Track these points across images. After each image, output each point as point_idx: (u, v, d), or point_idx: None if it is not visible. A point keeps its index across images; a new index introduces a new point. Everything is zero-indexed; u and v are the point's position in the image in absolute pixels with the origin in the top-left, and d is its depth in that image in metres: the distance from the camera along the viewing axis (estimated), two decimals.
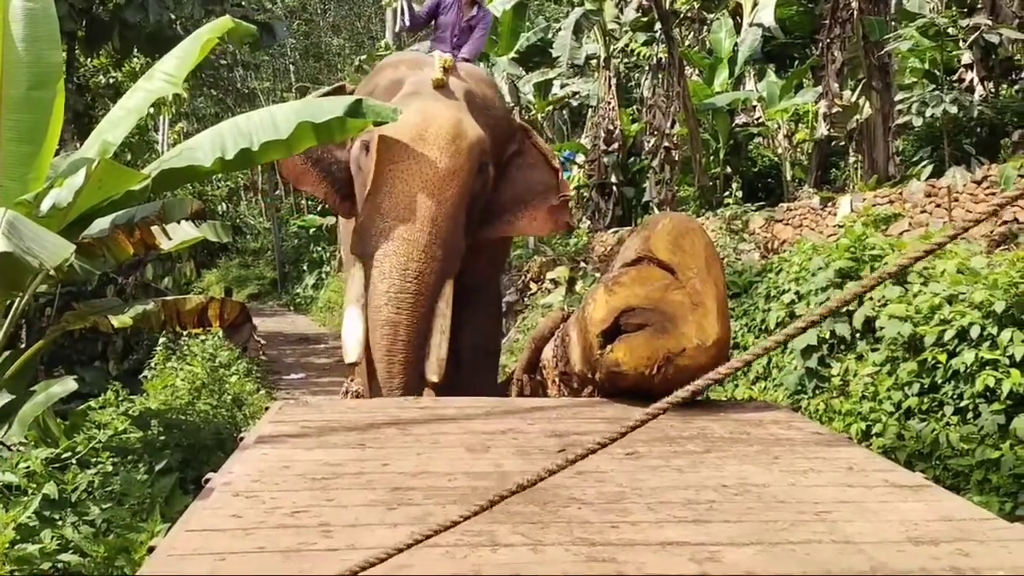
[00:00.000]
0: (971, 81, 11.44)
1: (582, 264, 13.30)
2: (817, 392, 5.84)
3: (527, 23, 16.50)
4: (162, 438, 5.13)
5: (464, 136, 4.86)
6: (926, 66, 12.03)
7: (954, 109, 9.76)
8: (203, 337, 8.44)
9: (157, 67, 5.51)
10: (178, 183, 5.52)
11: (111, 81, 16.03)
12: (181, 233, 5.97)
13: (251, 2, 16.21)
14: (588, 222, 15.80)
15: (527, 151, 5.55)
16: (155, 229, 5.51)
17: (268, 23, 13.78)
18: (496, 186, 5.35)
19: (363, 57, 21.12)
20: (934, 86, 10.77)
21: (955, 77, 11.79)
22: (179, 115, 24.14)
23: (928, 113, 9.85)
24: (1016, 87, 11.84)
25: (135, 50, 14.15)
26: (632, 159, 15.76)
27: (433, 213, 4.74)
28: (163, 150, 20.70)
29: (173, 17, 13.74)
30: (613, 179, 15.35)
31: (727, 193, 12.46)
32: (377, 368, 4.67)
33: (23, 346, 6.65)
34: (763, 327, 6.90)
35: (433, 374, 4.84)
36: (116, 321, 5.28)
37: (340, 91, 5.58)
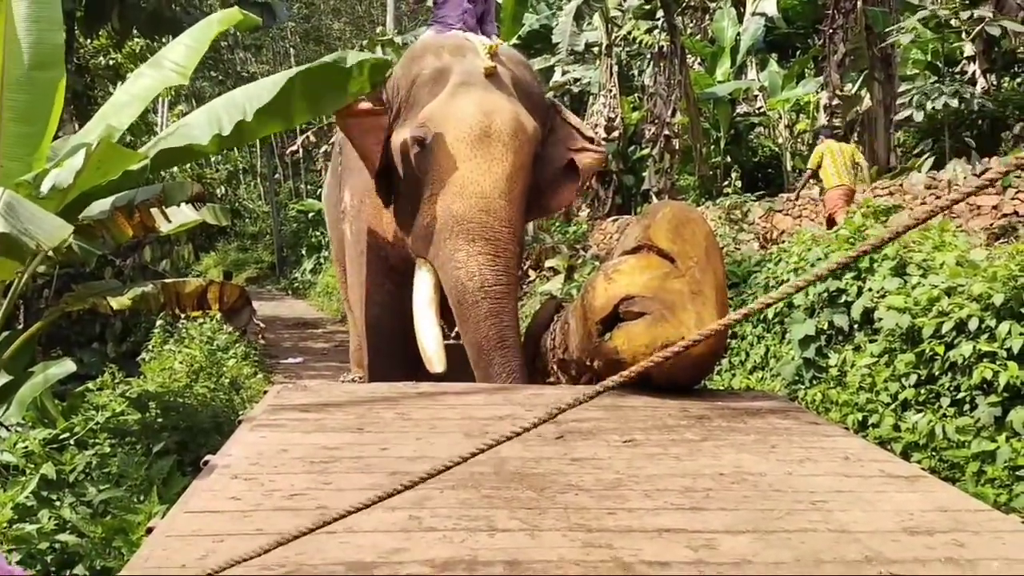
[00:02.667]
0: (973, 73, 11.43)
1: (581, 252, 13.30)
2: (814, 382, 5.85)
3: (529, 9, 16.44)
4: (160, 420, 5.13)
5: (524, 130, 4.72)
6: (928, 58, 12.02)
7: (955, 102, 9.77)
8: (201, 320, 8.44)
9: (165, 54, 5.47)
10: (176, 162, 5.51)
11: (111, 62, 15.97)
12: (180, 216, 5.96)
13: None
14: (588, 210, 15.80)
15: (559, 127, 5.43)
16: (155, 212, 5.50)
17: (269, 3, 13.73)
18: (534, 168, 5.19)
19: (364, 41, 21.04)
20: (936, 78, 10.76)
21: (957, 69, 11.77)
22: (179, 97, 24.08)
23: (929, 106, 9.85)
24: (1018, 80, 11.83)
25: (135, 31, 14.09)
26: (632, 147, 15.74)
27: (508, 213, 4.60)
28: (161, 132, 20.64)
29: None
30: (613, 167, 15.33)
31: (727, 183, 12.46)
32: (493, 362, 4.48)
33: (21, 327, 6.65)
34: (761, 317, 6.90)
35: None
36: (115, 303, 5.28)
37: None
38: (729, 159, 14.47)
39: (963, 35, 11.72)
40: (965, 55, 12.07)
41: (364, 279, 5.61)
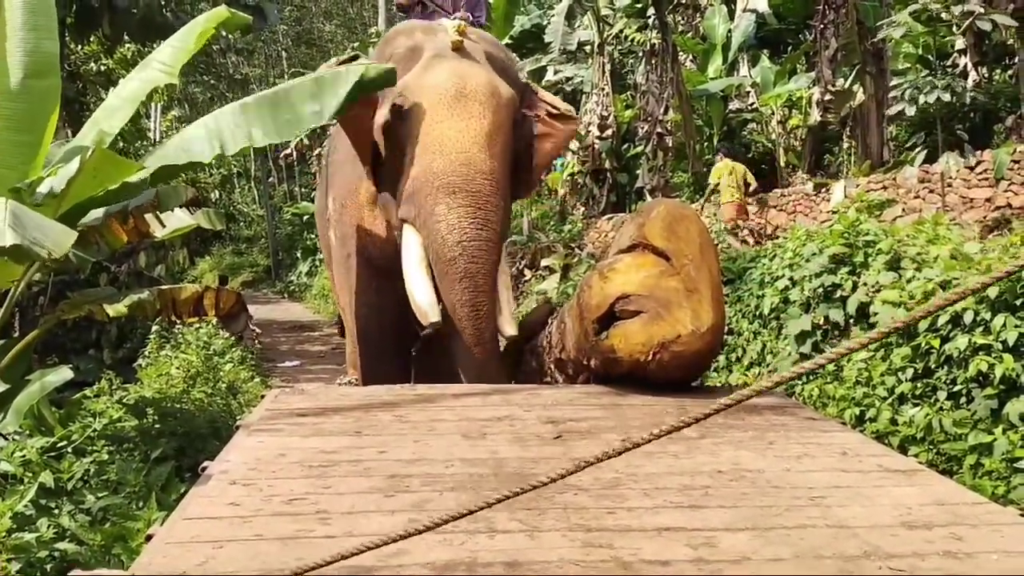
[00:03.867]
0: (964, 67, 11.43)
1: (577, 251, 13.30)
2: (811, 378, 5.86)
3: (521, 9, 16.44)
4: (157, 426, 5.13)
5: (499, 93, 4.81)
6: (920, 52, 12.04)
7: (947, 96, 9.78)
8: (197, 325, 8.43)
9: (153, 56, 5.48)
10: (175, 176, 5.51)
11: (102, 68, 15.93)
12: (175, 221, 5.95)
13: None
14: (583, 208, 15.79)
15: (535, 105, 5.49)
16: (149, 217, 5.50)
17: (259, 6, 13.70)
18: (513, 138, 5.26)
19: (356, 44, 21.03)
20: (928, 72, 10.78)
21: (949, 63, 11.78)
22: (171, 102, 24.04)
23: (921, 100, 9.87)
24: (1009, 72, 11.85)
25: (126, 36, 14.06)
26: (626, 145, 15.74)
27: (489, 166, 4.62)
28: (155, 137, 20.61)
29: (163, 2, 13.64)
30: (607, 165, 15.33)
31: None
32: (463, 326, 4.49)
33: (17, 335, 6.63)
34: (757, 313, 6.91)
35: (511, 327, 4.82)
36: (111, 310, 5.27)
37: (354, 59, 5.54)
38: None
39: (954, 29, 11.74)
40: (956, 48, 12.08)
41: (352, 282, 5.63)
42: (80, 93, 14.09)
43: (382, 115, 4.94)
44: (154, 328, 8.61)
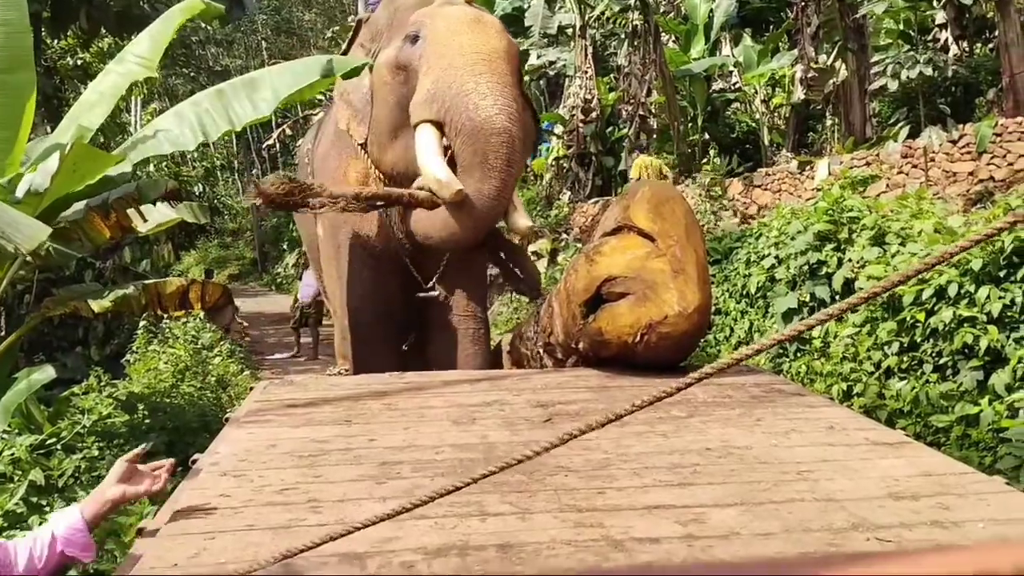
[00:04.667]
0: (945, 41, 11.48)
1: (563, 235, 13.31)
2: (798, 355, 5.90)
3: None
4: (147, 421, 5.12)
5: (508, 33, 4.88)
6: (901, 27, 12.06)
7: (929, 70, 9.81)
8: (184, 320, 8.41)
9: (129, 49, 5.43)
10: (153, 159, 5.49)
11: (79, 62, 15.78)
12: (158, 215, 5.92)
13: None
14: (568, 192, 15.79)
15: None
16: (131, 212, 5.46)
17: None
18: None
19: (336, 28, 20.88)
20: (909, 47, 10.80)
21: (930, 37, 11.81)
22: (152, 95, 23.85)
23: (903, 75, 9.90)
24: (990, 46, 11.89)
25: (103, 30, 13.92)
26: (610, 128, 15.73)
27: (508, 69, 4.59)
28: (136, 131, 20.42)
29: None
30: (592, 149, 15.32)
31: (705, 160, 12.49)
32: (488, 178, 4.38)
33: (3, 334, 6.59)
34: (744, 292, 6.94)
35: (525, 219, 4.80)
36: (96, 306, 5.24)
37: (358, 25, 5.53)
38: (707, 136, 14.50)
39: (934, 3, 11.78)
40: (937, 23, 12.12)
41: (342, 272, 5.62)
42: (58, 88, 13.96)
43: (387, 53, 4.96)
44: (141, 323, 8.57)
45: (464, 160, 4.43)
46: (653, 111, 14.35)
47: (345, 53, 5.42)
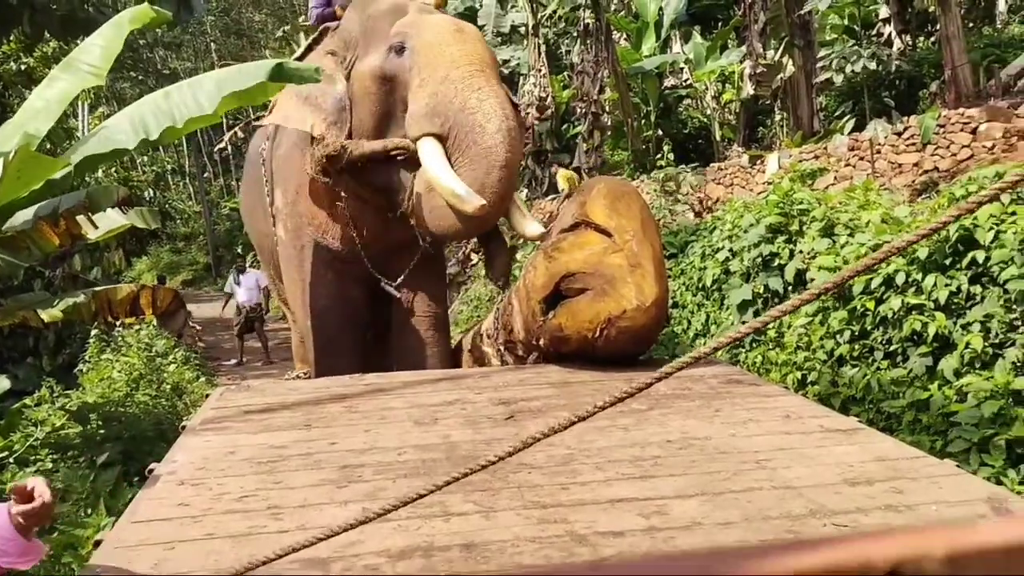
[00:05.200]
0: (889, 35, 11.71)
1: None
2: (754, 345, 5.99)
3: None
4: (102, 431, 5.03)
5: (490, 48, 5.00)
6: (845, 22, 12.29)
7: (873, 64, 10.00)
8: (137, 327, 8.26)
9: (77, 56, 5.30)
10: (99, 164, 5.34)
11: (23, 67, 15.39)
12: (108, 221, 5.81)
13: None
14: (525, 190, 15.81)
15: None
16: (81, 219, 5.36)
17: None
18: None
19: (286, 28, 20.66)
20: (854, 41, 11.00)
21: (874, 32, 12.04)
22: (99, 99, 23.38)
23: (848, 69, 10.08)
24: (932, 39, 12.16)
25: (47, 34, 13.60)
26: (565, 126, 15.79)
27: (495, 77, 4.71)
28: (83, 136, 19.98)
29: None
30: (548, 147, 15.36)
31: (659, 156, 12.59)
32: (492, 210, 4.51)
33: None
34: (700, 285, 7.02)
35: (535, 226, 4.81)
36: (46, 315, 5.13)
37: (324, 31, 5.48)
38: (660, 132, 14.62)
39: None
40: (880, 18, 12.37)
41: (304, 274, 5.57)
42: (0, 94, 13.62)
43: (370, 61, 4.98)
44: (93, 332, 8.40)
45: (465, 176, 4.52)
46: (606, 108, 14.42)
47: (302, 58, 5.35)
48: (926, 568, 0.35)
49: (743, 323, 6.14)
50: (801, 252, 5.91)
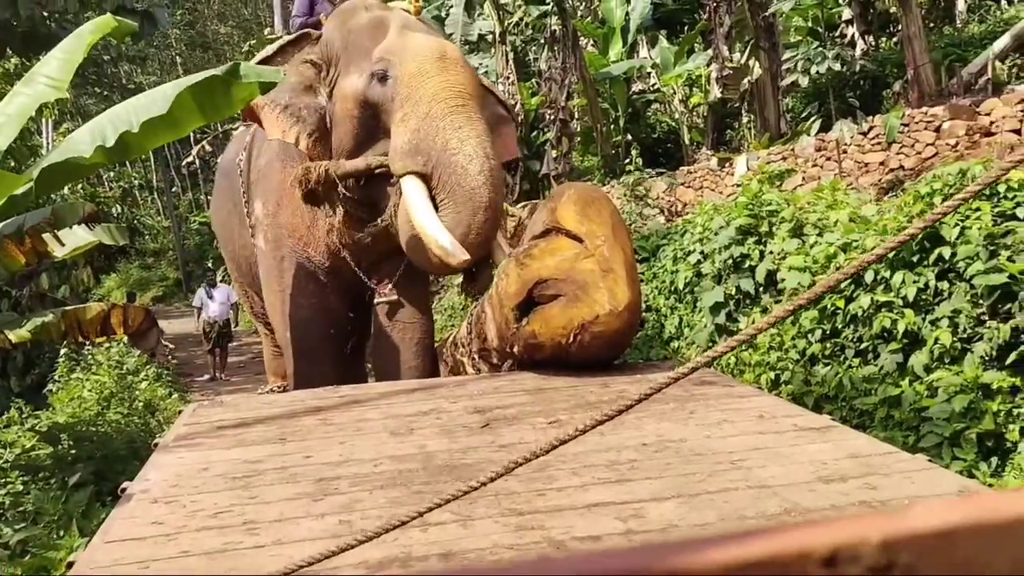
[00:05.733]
0: (852, 36, 11.87)
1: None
2: None
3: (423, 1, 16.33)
4: (73, 452, 4.95)
5: (469, 64, 5.04)
6: (809, 24, 12.44)
7: (837, 65, 10.13)
8: (108, 345, 8.15)
9: (37, 69, 5.24)
10: (63, 181, 5.26)
11: None
12: (75, 239, 5.74)
13: None
14: None
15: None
16: (47, 236, 5.28)
17: (148, 11, 13.24)
18: None
19: (252, 42, 20.54)
20: (818, 43, 11.13)
21: (837, 33, 12.20)
22: (64, 116, 23.11)
23: (813, 70, 10.20)
24: (894, 40, 12.33)
25: (8, 51, 13.44)
26: (535, 132, 15.83)
27: (478, 111, 4.75)
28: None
29: (46, 13, 13.06)
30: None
31: (628, 160, 12.67)
32: (471, 252, 4.51)
33: None
34: (672, 288, 7.06)
35: (502, 255, 4.83)
36: (13, 336, 5.06)
37: (306, 36, 5.42)
38: (629, 137, 14.71)
39: (840, 0, 12.18)
40: (843, 19, 12.54)
41: (284, 286, 5.54)
42: None
43: (352, 82, 4.98)
44: (63, 351, 8.28)
45: (448, 218, 4.56)
46: (575, 114, 14.49)
47: (273, 57, 5.26)
48: (863, 554, 0.36)
49: (716, 325, 6.18)
50: (771, 253, 5.96)
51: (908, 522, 0.37)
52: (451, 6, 15.38)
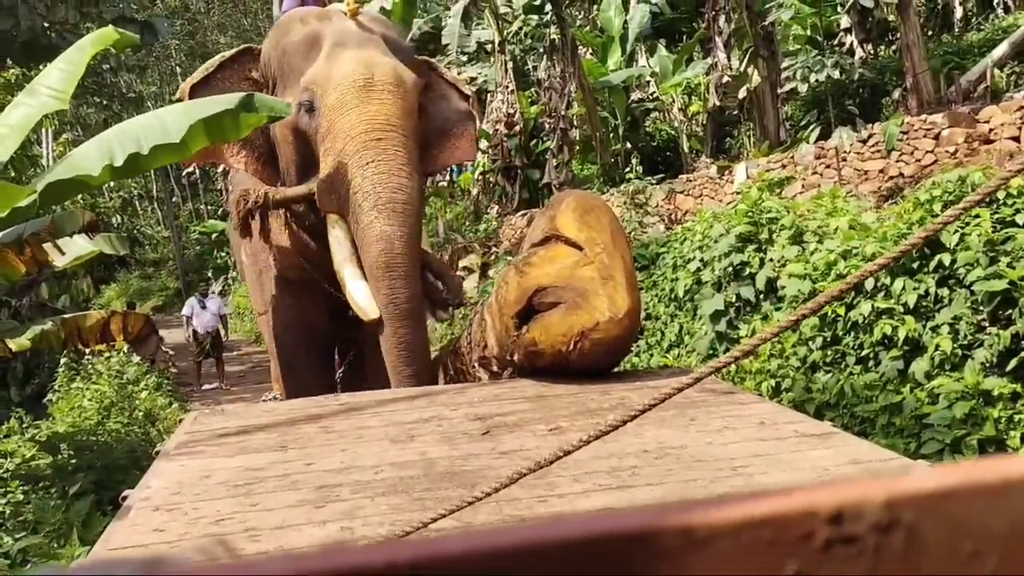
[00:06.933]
0: (851, 44, 11.91)
1: (493, 249, 13.35)
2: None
3: (419, 12, 16.38)
4: (73, 461, 4.95)
5: (404, 81, 4.80)
6: (808, 32, 12.47)
7: (836, 73, 10.17)
8: (108, 354, 8.15)
9: (39, 80, 5.26)
10: (67, 196, 5.28)
11: None
12: (75, 248, 5.75)
13: (130, 1, 15.60)
14: (496, 207, 15.85)
15: (436, 83, 5.51)
16: (47, 246, 5.30)
17: (149, 21, 13.29)
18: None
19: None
20: (817, 51, 11.17)
21: (836, 41, 12.24)
22: (64, 126, 23.16)
23: (812, 78, 10.23)
24: (893, 48, 12.37)
25: (9, 61, 13.47)
26: (534, 141, 15.87)
27: (399, 140, 4.61)
28: (48, 163, 19.79)
29: (47, 24, 13.10)
30: (517, 162, 15.42)
31: (628, 169, 12.68)
32: (378, 290, 4.43)
33: None
34: (672, 296, 7.06)
35: (459, 296, 4.82)
36: (13, 344, 5.06)
37: (247, 52, 5.42)
38: (628, 145, 14.73)
39: (838, 8, 12.22)
40: (842, 27, 12.58)
41: (265, 297, 5.59)
42: None
43: (290, 111, 4.89)
44: (63, 360, 8.29)
45: (361, 262, 4.57)
46: (575, 123, 14.52)
47: (214, 74, 5.21)
48: (866, 512, 0.38)
49: (716, 332, 6.18)
50: (771, 260, 5.97)
51: (911, 483, 0.39)
52: (449, 17, 15.44)
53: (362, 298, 4.53)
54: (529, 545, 0.39)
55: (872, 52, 12.42)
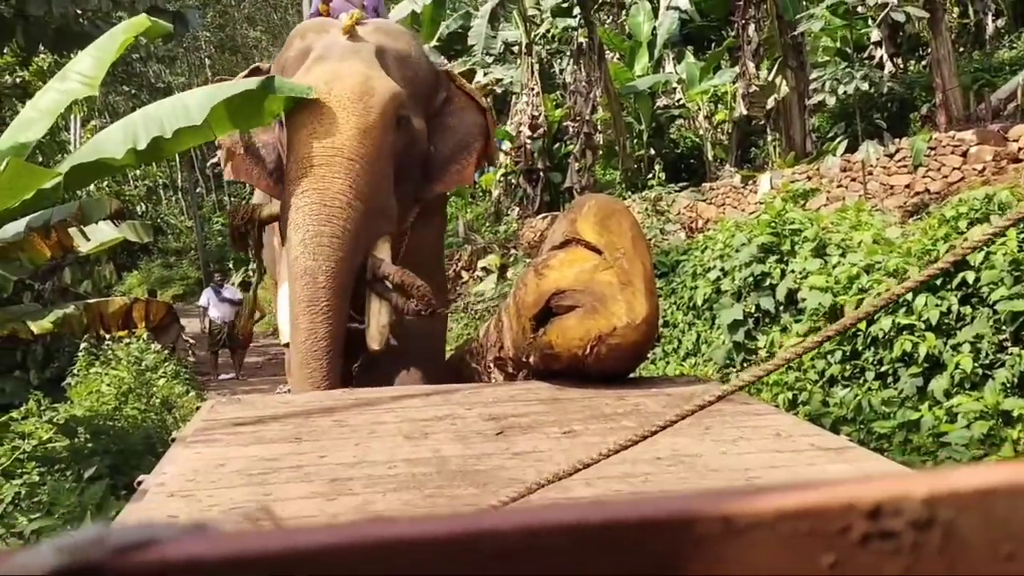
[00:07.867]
0: (880, 58, 11.83)
1: (512, 250, 13.35)
2: (745, 365, 6.00)
3: (448, 11, 16.43)
4: (90, 445, 5.00)
5: (372, 93, 4.69)
6: (838, 44, 12.40)
7: (865, 86, 10.09)
8: (127, 340, 8.22)
9: (71, 67, 5.32)
10: (91, 178, 5.34)
11: (18, 80, 15.39)
12: (100, 234, 5.81)
13: None
14: (517, 208, 15.85)
15: (455, 96, 5.47)
16: (73, 231, 5.35)
17: (180, 12, 13.39)
18: (433, 139, 5.25)
19: (281, 47, 20.70)
20: (846, 63, 11.09)
21: (865, 54, 12.16)
22: (92, 112, 23.39)
23: (841, 90, 10.16)
24: (923, 63, 12.27)
25: (41, 47, 13.62)
26: (558, 144, 15.86)
27: (347, 167, 4.54)
28: (75, 149, 19.97)
29: (79, 12, 13.23)
30: (539, 165, 15.42)
31: (651, 175, 12.65)
32: (298, 325, 4.38)
33: None
34: (691, 304, 7.04)
35: (374, 342, 4.68)
36: (36, 327, 5.12)
37: (256, 72, 5.45)
38: (652, 152, 14.70)
39: (869, 21, 12.14)
40: (872, 40, 12.50)
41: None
42: None
43: (277, 127, 5.02)
44: (82, 345, 8.36)
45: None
46: (599, 127, 14.50)
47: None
48: (906, 508, 0.38)
49: (734, 343, 6.15)
50: (793, 272, 5.93)
51: (953, 480, 0.39)
52: (476, 19, 15.46)
53: (282, 320, 4.63)
54: (575, 525, 0.39)
55: (902, 66, 12.33)
